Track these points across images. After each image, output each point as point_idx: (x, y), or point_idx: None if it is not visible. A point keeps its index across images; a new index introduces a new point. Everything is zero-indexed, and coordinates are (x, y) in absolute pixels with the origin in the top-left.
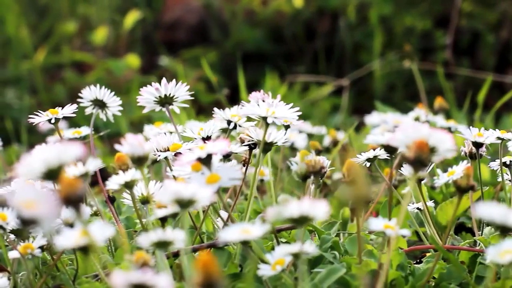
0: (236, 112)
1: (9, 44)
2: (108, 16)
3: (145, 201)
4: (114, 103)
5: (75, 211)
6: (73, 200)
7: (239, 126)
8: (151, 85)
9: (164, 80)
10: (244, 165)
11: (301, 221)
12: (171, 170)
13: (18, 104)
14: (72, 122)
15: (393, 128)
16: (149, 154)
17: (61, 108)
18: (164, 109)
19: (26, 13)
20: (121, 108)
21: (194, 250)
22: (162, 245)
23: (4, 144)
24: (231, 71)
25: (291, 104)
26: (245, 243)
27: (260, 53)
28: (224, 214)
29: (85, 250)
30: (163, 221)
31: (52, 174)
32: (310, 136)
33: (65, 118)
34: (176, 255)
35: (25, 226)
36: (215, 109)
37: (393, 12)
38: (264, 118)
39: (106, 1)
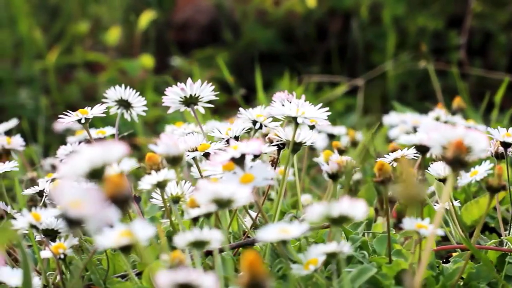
0: (267, 112)
1: (22, 45)
2: (119, 17)
3: (176, 200)
4: (139, 103)
5: (120, 210)
6: (119, 200)
7: (265, 126)
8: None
9: (189, 80)
10: (272, 165)
11: (340, 220)
12: (199, 170)
13: (32, 104)
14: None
15: (412, 128)
16: (183, 154)
17: (92, 108)
18: (188, 109)
19: (36, 13)
20: (146, 108)
21: (222, 250)
22: (198, 245)
23: None
24: (242, 71)
25: (320, 105)
26: (284, 243)
27: (272, 53)
28: (252, 214)
29: (126, 249)
30: (194, 221)
31: (96, 174)
32: (330, 136)
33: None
34: (207, 254)
35: (71, 226)
36: (241, 109)
37: (406, 12)
38: (294, 119)
39: (117, 2)
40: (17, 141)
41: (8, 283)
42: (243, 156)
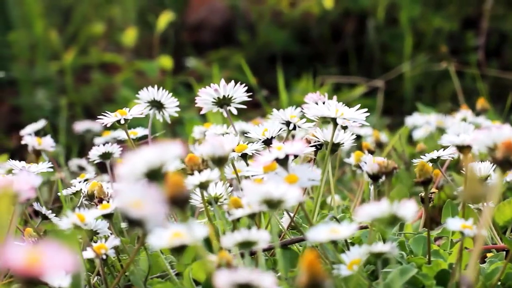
0: (306, 112)
1: (37, 46)
2: (133, 18)
3: (215, 201)
4: (171, 104)
5: (180, 211)
6: (179, 200)
7: (298, 127)
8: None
9: (222, 81)
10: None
11: (391, 221)
12: (236, 171)
13: (49, 105)
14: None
15: (436, 129)
16: (229, 155)
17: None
18: (221, 110)
19: (49, 15)
20: (178, 109)
21: (267, 249)
22: (246, 245)
23: None
24: (257, 72)
25: (358, 105)
26: (334, 243)
27: (287, 54)
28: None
29: (179, 250)
30: (235, 222)
31: (153, 174)
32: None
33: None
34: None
35: (131, 226)
36: (274, 110)
37: (422, 13)
38: (333, 119)
39: (130, 3)
40: (47, 142)
41: (52, 284)
42: (287, 157)
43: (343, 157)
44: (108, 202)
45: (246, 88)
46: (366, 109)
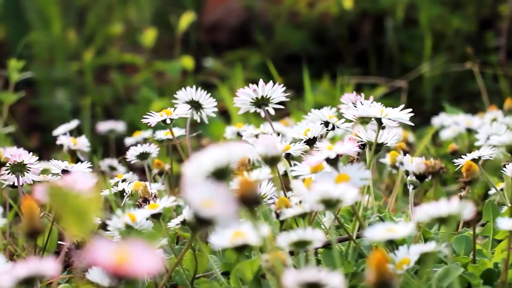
0: (350, 113)
1: (56, 46)
2: (149, 18)
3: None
4: (209, 104)
5: (249, 211)
6: (249, 200)
7: (337, 127)
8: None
9: (261, 81)
10: None
11: (448, 220)
12: (278, 171)
13: (69, 105)
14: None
15: (465, 129)
16: (282, 155)
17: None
18: (259, 110)
19: (65, 15)
20: (216, 109)
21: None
22: (301, 244)
23: None
24: (276, 72)
25: (402, 106)
26: (391, 242)
27: (304, 55)
28: (330, 215)
29: (240, 249)
30: (282, 222)
31: (220, 174)
32: None
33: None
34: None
35: (201, 226)
36: (313, 110)
37: (440, 14)
38: (378, 120)
39: (146, 3)
40: (83, 142)
41: (101, 283)
42: (337, 157)
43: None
44: (154, 202)
45: (284, 88)
46: (410, 110)
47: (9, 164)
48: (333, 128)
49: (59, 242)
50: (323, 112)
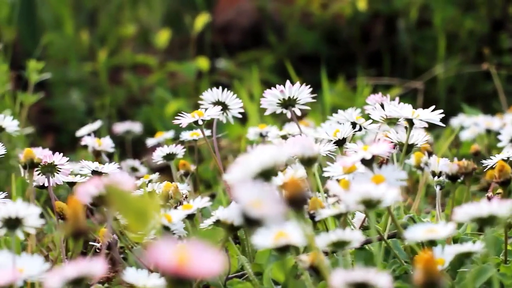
0: (377, 114)
1: (69, 47)
2: (160, 19)
3: None
4: (236, 105)
5: (297, 211)
6: (297, 201)
7: (364, 128)
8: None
9: (287, 82)
10: (380, 167)
11: (489, 221)
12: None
13: (83, 106)
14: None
15: (485, 130)
16: (318, 155)
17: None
18: (285, 111)
19: (76, 16)
20: (242, 110)
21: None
22: (340, 245)
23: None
24: (287, 73)
25: (433, 107)
26: (432, 243)
27: (316, 56)
28: (361, 215)
29: (283, 250)
30: (314, 221)
31: (266, 174)
32: None
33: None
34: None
35: (250, 226)
36: (339, 111)
37: (454, 15)
38: (409, 120)
39: (157, 4)
40: (107, 143)
41: (136, 283)
42: (372, 158)
43: None
44: (186, 202)
45: (311, 89)
46: (441, 111)
47: (40, 165)
48: (360, 129)
49: (91, 243)
50: (350, 113)
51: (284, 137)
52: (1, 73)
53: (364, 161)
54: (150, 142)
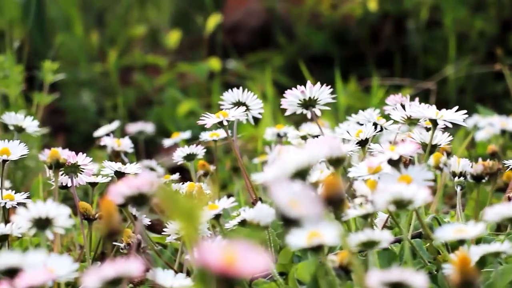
0: (404, 114)
1: (80, 47)
2: (169, 20)
3: None
4: (256, 106)
5: (335, 211)
6: (335, 201)
7: (385, 129)
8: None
9: (308, 82)
10: (405, 168)
11: None
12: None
13: (94, 106)
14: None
15: (500, 131)
16: (346, 156)
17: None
18: (305, 111)
19: (84, 16)
20: (262, 111)
21: None
22: (370, 244)
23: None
24: (297, 74)
25: (456, 107)
26: (462, 242)
27: (325, 56)
28: (383, 216)
29: (316, 250)
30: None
31: (302, 174)
32: None
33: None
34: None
35: (288, 226)
36: (361, 111)
37: (465, 16)
38: (433, 121)
39: (166, 5)
40: (126, 143)
41: (164, 284)
42: (399, 158)
43: None
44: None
45: (331, 89)
46: (465, 111)
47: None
48: (381, 130)
49: (115, 243)
50: (371, 113)
51: (304, 138)
52: (16, 74)
53: (391, 162)
54: (166, 142)
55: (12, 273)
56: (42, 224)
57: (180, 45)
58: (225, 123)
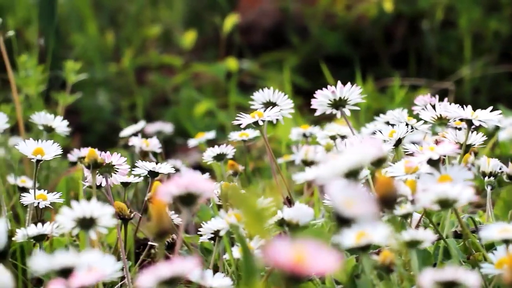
0: (441, 113)
1: (95, 47)
2: (182, 20)
3: None
4: (287, 105)
5: (389, 210)
6: (389, 200)
7: (416, 129)
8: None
9: (339, 83)
10: None
11: None
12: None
13: (110, 106)
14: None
15: None
16: (387, 156)
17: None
18: (335, 111)
19: (97, 16)
20: (292, 111)
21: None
22: (413, 244)
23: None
24: (311, 74)
25: (491, 107)
26: (508, 242)
27: (340, 56)
28: (416, 216)
29: (364, 249)
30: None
31: (353, 174)
32: None
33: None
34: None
35: (343, 225)
36: (391, 111)
37: (480, 16)
38: (468, 121)
39: (179, 5)
40: (155, 143)
41: (203, 283)
42: (439, 158)
43: None
44: None
45: (361, 90)
46: (500, 112)
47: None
48: (412, 130)
49: (149, 243)
50: (401, 113)
51: (333, 138)
52: (37, 74)
53: (430, 162)
54: (191, 142)
55: (65, 273)
56: (86, 223)
57: (194, 45)
58: (261, 123)
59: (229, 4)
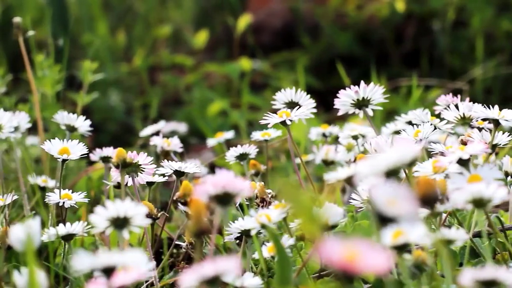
0: (467, 113)
1: (107, 47)
2: (192, 20)
3: None
4: (309, 105)
5: (430, 210)
6: (430, 199)
7: (439, 129)
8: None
9: (362, 83)
10: None
11: None
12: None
13: (122, 106)
14: None
15: None
16: (417, 158)
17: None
18: (358, 111)
19: (106, 16)
20: (315, 110)
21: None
22: (445, 243)
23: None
24: (322, 74)
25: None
26: None
27: (350, 56)
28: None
29: (401, 249)
30: None
31: (393, 173)
32: None
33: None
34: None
35: (383, 224)
36: (411, 111)
37: (492, 16)
38: (495, 121)
39: (189, 5)
40: (176, 143)
41: (233, 283)
42: (469, 158)
43: None
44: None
45: (384, 90)
46: None
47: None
48: (435, 129)
49: (175, 242)
50: (424, 113)
51: (355, 138)
52: (54, 73)
53: (460, 161)
54: (210, 142)
55: (108, 272)
56: (120, 223)
57: (205, 45)
58: (288, 122)
59: (239, 4)
